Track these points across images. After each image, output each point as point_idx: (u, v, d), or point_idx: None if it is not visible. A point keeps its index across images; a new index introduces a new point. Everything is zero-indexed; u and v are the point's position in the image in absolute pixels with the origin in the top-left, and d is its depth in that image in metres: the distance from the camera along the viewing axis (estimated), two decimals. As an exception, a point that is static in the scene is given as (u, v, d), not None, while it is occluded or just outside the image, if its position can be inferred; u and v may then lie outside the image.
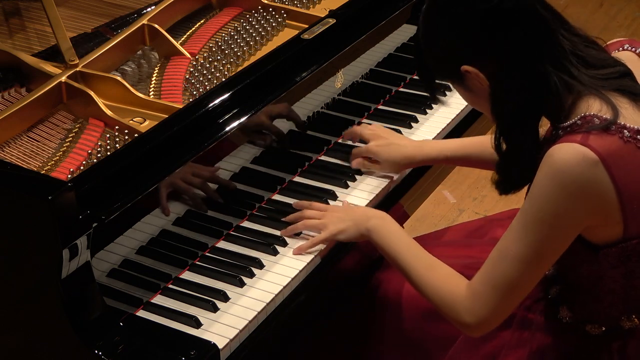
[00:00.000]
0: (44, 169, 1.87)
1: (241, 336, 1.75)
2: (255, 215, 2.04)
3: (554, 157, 1.61)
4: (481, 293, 1.71)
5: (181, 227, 1.90)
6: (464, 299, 1.73)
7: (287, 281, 1.86)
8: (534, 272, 1.70)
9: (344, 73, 2.28)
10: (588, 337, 1.81)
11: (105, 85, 2.04)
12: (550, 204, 1.62)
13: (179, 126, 1.88)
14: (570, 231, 1.67)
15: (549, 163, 1.62)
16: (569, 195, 1.61)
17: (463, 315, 1.74)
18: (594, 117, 1.64)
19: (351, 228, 1.93)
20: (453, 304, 1.75)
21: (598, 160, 1.60)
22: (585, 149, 1.60)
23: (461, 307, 1.73)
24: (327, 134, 2.29)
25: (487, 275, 1.71)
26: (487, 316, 1.72)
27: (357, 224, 1.92)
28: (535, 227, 1.64)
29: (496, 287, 1.69)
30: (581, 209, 1.63)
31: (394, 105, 2.44)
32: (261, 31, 2.33)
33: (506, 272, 1.68)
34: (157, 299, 1.81)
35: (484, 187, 3.79)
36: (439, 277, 1.79)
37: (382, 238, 1.89)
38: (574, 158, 1.60)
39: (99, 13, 2.37)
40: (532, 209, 1.65)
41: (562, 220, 1.64)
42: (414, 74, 2.57)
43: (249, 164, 2.06)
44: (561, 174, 1.60)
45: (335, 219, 1.95)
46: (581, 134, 1.62)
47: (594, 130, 1.62)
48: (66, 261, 1.62)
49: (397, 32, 2.51)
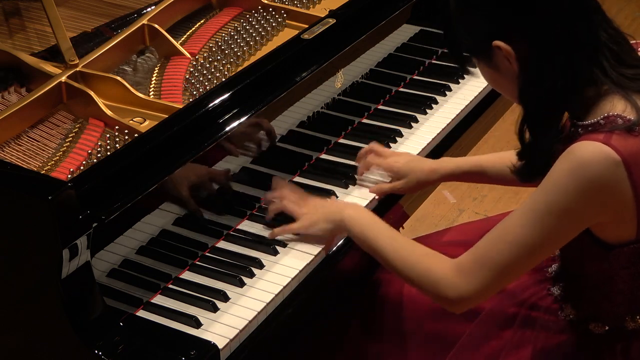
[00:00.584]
0: (44, 169, 1.87)
1: (241, 336, 1.75)
2: (255, 215, 2.04)
3: (575, 154, 1.60)
4: (469, 270, 1.70)
5: (181, 227, 1.90)
6: (448, 273, 1.72)
7: (287, 281, 1.86)
8: (529, 260, 1.69)
9: (344, 73, 2.28)
10: (591, 337, 1.81)
11: (105, 85, 2.04)
12: (564, 198, 1.61)
13: (179, 126, 1.88)
14: (576, 227, 1.66)
15: (569, 159, 1.61)
16: (585, 193, 1.60)
17: (445, 290, 1.72)
18: (617, 117, 1.63)
19: (322, 221, 1.91)
20: (435, 278, 1.73)
21: (620, 160, 1.59)
22: (608, 148, 1.59)
23: (443, 281, 1.72)
24: (327, 134, 2.29)
25: (479, 254, 1.70)
26: (470, 293, 1.70)
27: (328, 215, 1.91)
28: (544, 217, 1.63)
29: (486, 266, 1.68)
30: (594, 206, 1.62)
31: (394, 105, 2.44)
32: (261, 31, 2.33)
33: (502, 254, 1.66)
34: (157, 299, 1.81)
35: (484, 187, 3.79)
36: (420, 256, 1.78)
37: (356, 227, 1.87)
38: (596, 157, 1.59)
39: (99, 13, 2.37)
40: (544, 199, 1.63)
41: (573, 216, 1.63)
42: (414, 74, 2.57)
43: (249, 164, 2.06)
44: (581, 171, 1.59)
45: (310, 210, 1.94)
46: (604, 133, 1.61)
47: (617, 130, 1.61)
48: (66, 261, 1.62)
49: (397, 32, 2.51)
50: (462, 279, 1.71)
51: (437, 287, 1.74)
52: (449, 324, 1.93)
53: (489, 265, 1.68)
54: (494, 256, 1.67)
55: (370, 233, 1.85)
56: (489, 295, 1.75)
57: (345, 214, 1.89)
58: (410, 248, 1.81)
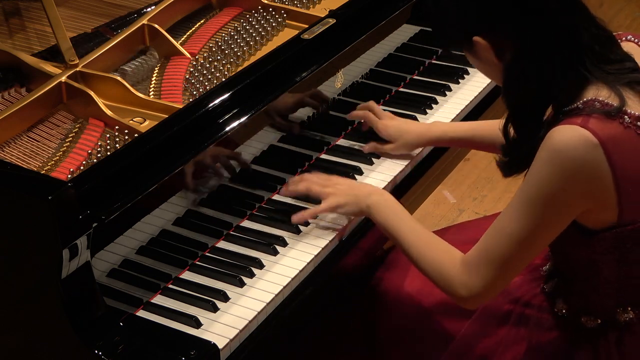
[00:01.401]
0: (44, 169, 1.87)
1: (241, 336, 1.75)
2: (255, 215, 2.04)
3: (553, 139, 1.62)
4: (475, 267, 1.73)
5: (181, 227, 1.90)
6: (459, 272, 1.75)
7: (287, 281, 1.86)
8: (527, 251, 1.71)
9: (344, 73, 2.28)
10: (584, 331, 1.82)
11: (105, 85, 2.04)
12: (547, 184, 1.63)
13: (179, 126, 1.88)
14: (565, 213, 1.67)
15: (548, 144, 1.62)
16: (567, 177, 1.61)
17: (457, 288, 1.76)
18: (595, 101, 1.64)
19: (351, 203, 1.95)
20: (448, 277, 1.77)
21: (597, 143, 1.60)
22: (586, 131, 1.60)
23: (455, 280, 1.75)
24: (327, 134, 2.29)
25: (482, 250, 1.73)
26: (479, 290, 1.73)
27: (358, 199, 1.94)
28: (531, 207, 1.65)
29: (490, 262, 1.71)
30: (577, 190, 1.63)
31: (394, 106, 2.43)
32: (261, 31, 2.33)
33: (500, 248, 1.69)
34: (157, 299, 1.81)
35: (484, 187, 3.79)
36: (437, 252, 1.81)
37: (381, 215, 1.90)
38: (573, 140, 1.60)
39: (99, 13, 2.37)
40: (529, 188, 1.65)
41: (558, 202, 1.64)
42: (414, 74, 2.57)
43: (249, 164, 2.06)
44: (560, 154, 1.61)
45: (338, 192, 1.96)
46: (582, 116, 1.62)
47: (595, 113, 1.62)
48: (66, 261, 1.62)
49: (397, 32, 2.51)
50: (470, 276, 1.74)
51: (449, 284, 1.77)
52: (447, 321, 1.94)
53: (491, 260, 1.70)
54: (495, 250, 1.70)
55: (393, 222, 1.88)
56: (499, 289, 1.77)
57: (372, 200, 1.92)
58: (427, 242, 1.83)
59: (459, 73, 2.56)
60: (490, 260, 1.71)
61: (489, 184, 3.81)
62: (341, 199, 1.95)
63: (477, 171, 3.89)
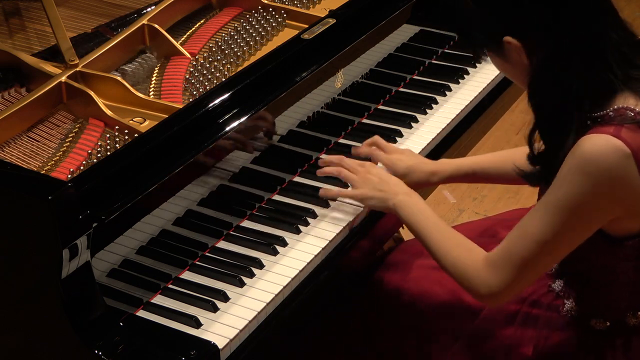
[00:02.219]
0: (44, 169, 1.87)
1: (241, 336, 1.75)
2: (255, 215, 2.04)
3: (585, 147, 1.61)
4: (497, 267, 1.73)
5: (181, 227, 1.90)
6: (481, 271, 1.75)
7: (287, 281, 1.86)
8: (550, 256, 1.71)
9: (344, 73, 2.28)
10: (592, 333, 1.82)
11: (105, 85, 2.04)
12: (577, 193, 1.62)
13: (179, 126, 1.88)
14: (592, 221, 1.67)
15: (579, 153, 1.61)
16: (597, 186, 1.61)
17: (479, 287, 1.76)
18: (627, 109, 1.63)
19: (379, 199, 1.96)
20: (470, 275, 1.77)
21: (630, 153, 1.60)
22: (618, 141, 1.59)
23: (478, 279, 1.76)
24: (327, 134, 2.29)
25: (505, 251, 1.73)
26: (501, 289, 1.74)
27: (386, 197, 1.95)
28: (558, 213, 1.64)
29: (512, 263, 1.71)
30: (606, 200, 1.63)
31: (394, 105, 2.44)
32: (261, 31, 2.33)
33: (523, 251, 1.69)
34: (157, 299, 1.81)
35: (484, 187, 3.79)
36: (460, 250, 1.81)
37: (407, 214, 1.92)
38: (605, 149, 1.59)
39: (99, 13, 2.37)
40: (558, 196, 1.64)
41: (587, 210, 1.64)
42: (414, 74, 2.57)
43: (249, 164, 2.06)
44: (592, 164, 1.60)
45: (369, 184, 1.98)
46: (614, 126, 1.61)
47: (627, 124, 1.61)
48: (66, 261, 1.62)
49: (397, 32, 2.51)
50: (491, 274, 1.74)
51: (470, 282, 1.78)
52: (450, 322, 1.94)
53: (514, 261, 1.71)
54: (519, 251, 1.70)
55: (418, 221, 1.89)
56: (519, 290, 1.78)
57: (398, 199, 1.93)
58: (451, 240, 1.84)
59: (459, 73, 2.56)
60: (513, 261, 1.71)
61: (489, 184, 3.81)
62: (369, 192, 1.97)
63: (477, 171, 3.89)
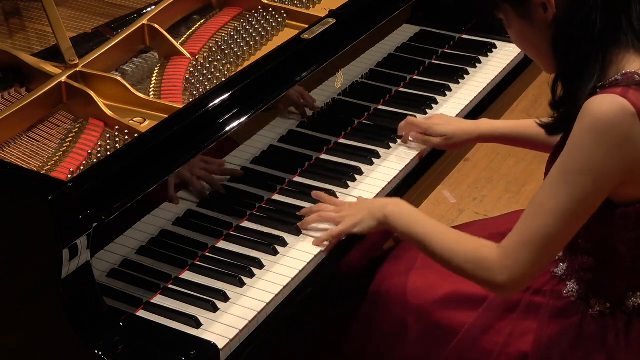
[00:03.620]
0: (44, 169, 1.87)
1: (241, 336, 1.75)
2: (255, 215, 2.04)
3: (592, 108, 1.63)
4: (513, 251, 1.72)
5: (181, 227, 1.90)
6: (496, 259, 1.74)
7: (287, 281, 1.86)
8: (569, 226, 1.71)
9: (344, 73, 2.28)
10: (592, 317, 1.83)
11: (105, 85, 2.04)
12: (586, 154, 1.64)
13: (179, 126, 1.88)
14: (603, 183, 1.67)
15: (586, 113, 1.64)
16: (605, 145, 1.63)
17: (497, 276, 1.74)
18: (634, 74, 1.67)
19: (367, 218, 1.94)
20: (487, 265, 1.75)
21: (635, 112, 1.62)
22: (624, 100, 1.62)
23: (495, 268, 1.74)
24: (327, 134, 2.29)
25: (520, 233, 1.73)
26: (520, 273, 1.73)
27: (373, 213, 1.94)
28: (571, 179, 1.66)
29: (529, 243, 1.71)
30: (615, 159, 1.65)
31: (394, 105, 2.44)
32: (261, 31, 2.33)
33: (541, 226, 1.69)
34: (157, 299, 1.81)
35: (484, 187, 3.79)
36: (469, 244, 1.81)
37: (400, 223, 1.90)
38: (612, 109, 1.62)
39: (99, 13, 2.37)
40: (568, 161, 1.67)
41: (596, 170, 1.65)
42: (414, 74, 2.57)
43: (249, 164, 2.06)
44: (599, 123, 1.63)
45: (352, 212, 1.96)
46: (621, 87, 1.65)
47: (634, 85, 1.65)
48: (66, 261, 1.62)
49: (397, 32, 2.51)
50: (510, 261, 1.73)
51: (488, 274, 1.76)
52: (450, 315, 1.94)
53: (532, 241, 1.71)
54: (534, 231, 1.70)
55: (415, 228, 1.88)
56: (538, 272, 1.78)
57: (388, 210, 1.92)
58: (456, 239, 1.83)
59: (459, 73, 2.56)
60: (530, 241, 1.71)
61: (489, 184, 3.81)
62: (356, 217, 1.95)
63: (477, 171, 3.89)
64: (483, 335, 1.91)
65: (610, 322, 1.83)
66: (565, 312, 1.86)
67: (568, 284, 1.87)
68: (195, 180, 1.91)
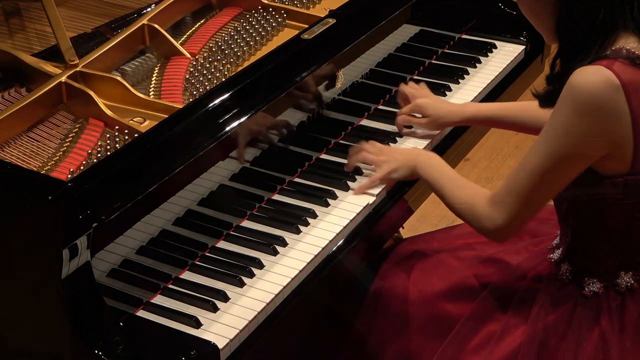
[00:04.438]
0: (44, 169, 1.87)
1: (241, 336, 1.75)
2: (255, 215, 2.04)
3: (576, 78, 1.69)
4: (500, 201, 1.83)
5: (181, 227, 1.90)
6: (485, 207, 1.86)
7: (287, 281, 1.86)
8: (547, 185, 1.78)
9: (344, 73, 2.28)
10: (587, 298, 1.86)
11: (105, 85, 2.04)
12: (564, 120, 1.70)
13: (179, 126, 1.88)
14: (584, 150, 1.73)
15: (571, 82, 1.69)
16: (586, 114, 1.68)
17: (484, 222, 1.86)
18: (623, 48, 1.71)
19: (402, 166, 2.08)
20: (477, 212, 1.88)
21: (619, 84, 1.67)
22: (608, 71, 1.67)
23: (482, 214, 1.86)
24: (327, 134, 2.29)
25: (507, 185, 1.82)
26: (505, 223, 1.83)
27: (408, 162, 2.07)
28: (551, 141, 1.73)
29: (514, 195, 1.80)
30: (596, 129, 1.70)
31: (394, 105, 2.43)
32: (261, 31, 2.33)
33: (523, 182, 1.79)
34: (157, 299, 1.81)
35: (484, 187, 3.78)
36: (467, 191, 1.93)
37: (426, 171, 2.04)
38: (595, 79, 1.67)
39: (99, 13, 2.37)
40: (551, 124, 1.73)
41: (576, 137, 1.71)
42: (414, 74, 2.57)
43: (249, 164, 2.06)
44: (580, 92, 1.68)
45: (391, 158, 2.09)
46: (607, 59, 1.69)
47: (621, 58, 1.69)
48: (66, 261, 1.62)
49: (397, 32, 2.51)
50: (495, 210, 1.84)
51: (477, 219, 1.88)
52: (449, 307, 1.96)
53: (516, 194, 1.80)
54: (519, 184, 1.79)
55: (435, 175, 2.02)
56: (523, 222, 1.86)
57: (419, 160, 2.06)
58: (460, 186, 1.96)
59: (459, 73, 2.56)
60: (514, 194, 1.80)
61: (489, 183, 3.81)
62: (394, 164, 2.08)
63: (477, 171, 3.89)
64: (481, 324, 1.93)
65: (604, 304, 1.85)
66: (560, 299, 1.88)
67: (562, 266, 1.90)
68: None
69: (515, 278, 1.97)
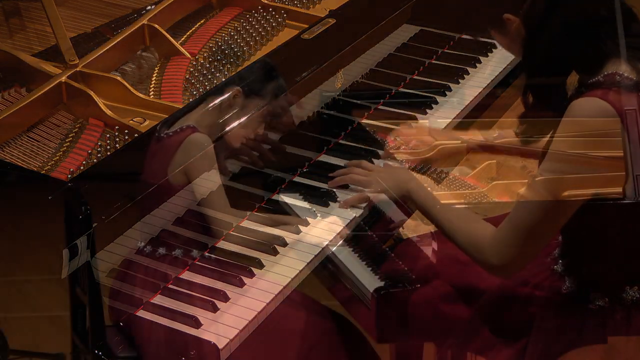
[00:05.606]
0: (44, 169, 1.87)
1: (241, 336, 1.75)
2: (255, 215, 2.03)
3: (575, 111, 1.69)
4: (504, 236, 1.80)
5: (181, 227, 1.90)
6: (490, 242, 1.82)
7: (287, 281, 1.86)
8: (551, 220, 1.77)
9: (344, 73, 2.28)
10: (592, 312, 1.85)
11: (105, 85, 2.04)
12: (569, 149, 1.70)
13: (179, 126, 1.88)
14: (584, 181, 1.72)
15: (571, 115, 1.70)
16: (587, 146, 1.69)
17: (489, 257, 1.82)
18: (615, 74, 1.72)
19: (393, 188, 2.04)
20: (481, 247, 1.83)
21: (615, 113, 1.67)
22: (605, 103, 1.68)
23: (488, 250, 1.82)
24: (327, 134, 2.29)
25: (510, 220, 1.80)
26: (510, 258, 1.80)
27: (399, 184, 2.03)
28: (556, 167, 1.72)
29: (517, 230, 1.78)
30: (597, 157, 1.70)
31: (394, 105, 2.43)
32: (261, 31, 2.33)
33: (525, 217, 1.77)
34: (157, 299, 1.81)
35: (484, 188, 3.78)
36: (470, 227, 1.88)
37: (420, 198, 2.00)
38: (593, 111, 1.68)
39: (99, 13, 2.37)
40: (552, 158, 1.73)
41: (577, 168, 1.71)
42: (414, 74, 2.57)
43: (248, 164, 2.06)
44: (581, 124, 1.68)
45: (380, 178, 2.06)
46: (602, 89, 1.70)
47: (615, 87, 1.70)
48: (66, 261, 1.62)
49: (397, 32, 2.51)
50: (500, 245, 1.80)
51: (481, 254, 1.84)
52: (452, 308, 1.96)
53: (519, 230, 1.77)
54: (521, 221, 1.77)
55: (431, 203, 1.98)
56: (529, 257, 1.83)
57: (411, 185, 2.03)
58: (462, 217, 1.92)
59: (459, 73, 2.56)
60: (518, 229, 1.78)
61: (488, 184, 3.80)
62: (383, 185, 2.06)
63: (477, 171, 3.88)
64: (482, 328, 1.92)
65: (610, 317, 1.84)
66: (565, 308, 1.87)
67: (567, 279, 1.88)
68: None
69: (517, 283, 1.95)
